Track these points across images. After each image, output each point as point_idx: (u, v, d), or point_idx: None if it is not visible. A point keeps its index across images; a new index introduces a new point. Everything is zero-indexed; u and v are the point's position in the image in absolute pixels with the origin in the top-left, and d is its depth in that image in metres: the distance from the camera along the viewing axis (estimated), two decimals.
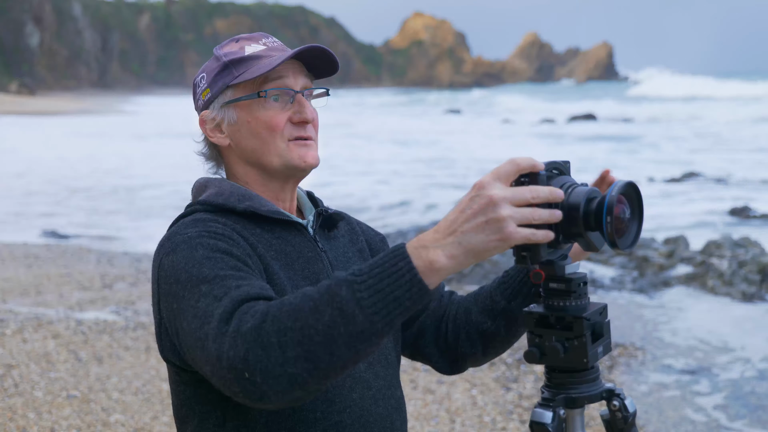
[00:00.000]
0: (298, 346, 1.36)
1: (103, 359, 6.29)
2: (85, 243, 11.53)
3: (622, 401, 1.67)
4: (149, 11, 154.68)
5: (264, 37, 1.87)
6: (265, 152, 1.80)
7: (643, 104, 57.24)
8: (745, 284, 8.53)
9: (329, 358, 1.37)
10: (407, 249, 1.37)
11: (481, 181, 1.37)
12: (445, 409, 5.49)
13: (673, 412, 5.55)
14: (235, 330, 1.40)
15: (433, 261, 1.35)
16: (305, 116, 1.80)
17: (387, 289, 1.35)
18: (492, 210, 1.34)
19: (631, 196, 1.55)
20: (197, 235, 1.63)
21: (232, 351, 1.39)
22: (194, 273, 1.55)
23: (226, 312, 1.44)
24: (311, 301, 1.38)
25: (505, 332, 1.90)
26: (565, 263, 1.60)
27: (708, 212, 13.92)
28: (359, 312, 1.35)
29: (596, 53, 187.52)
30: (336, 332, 1.35)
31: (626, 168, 21.18)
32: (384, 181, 19.55)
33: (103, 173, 20.97)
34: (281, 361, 1.36)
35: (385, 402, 1.80)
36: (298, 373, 1.37)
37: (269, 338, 1.37)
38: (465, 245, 1.35)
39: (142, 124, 43.33)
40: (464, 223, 1.35)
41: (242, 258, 1.62)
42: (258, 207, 1.77)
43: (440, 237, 1.36)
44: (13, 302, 7.85)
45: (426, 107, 68.04)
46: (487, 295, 1.93)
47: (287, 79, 1.80)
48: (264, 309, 1.41)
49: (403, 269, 1.35)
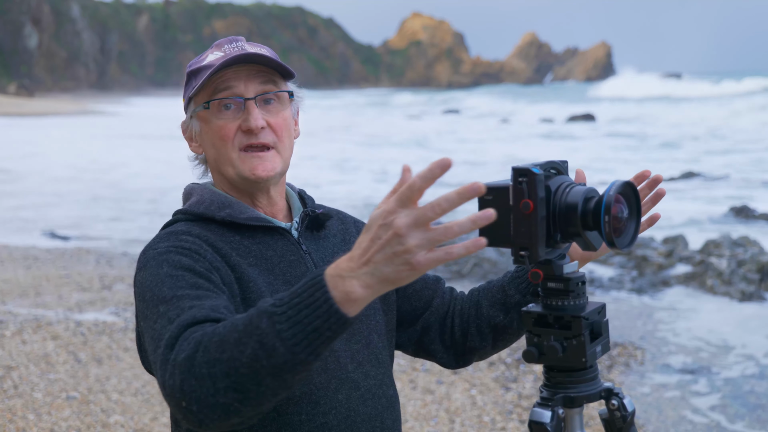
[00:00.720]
0: (226, 377, 1.38)
1: (102, 360, 6.29)
2: (83, 244, 11.53)
3: (620, 400, 1.67)
4: (148, 12, 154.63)
5: (229, 42, 1.85)
6: (221, 162, 1.82)
7: (602, 105, 57.59)
8: (744, 283, 8.54)
9: (257, 389, 1.39)
10: (325, 278, 1.36)
11: (389, 206, 1.32)
12: (444, 409, 5.49)
13: (673, 412, 5.55)
14: (174, 359, 1.44)
15: (349, 292, 1.34)
16: (248, 124, 1.78)
17: (306, 321, 1.35)
18: (398, 242, 1.30)
19: (629, 196, 1.56)
20: (165, 251, 1.68)
21: (171, 380, 1.43)
22: (156, 293, 1.60)
23: (171, 338, 1.48)
24: (236, 333, 1.39)
25: (517, 325, 1.93)
26: (563, 263, 1.60)
27: (706, 211, 13.94)
28: (280, 344, 1.36)
29: (595, 53, 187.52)
30: (259, 365, 1.37)
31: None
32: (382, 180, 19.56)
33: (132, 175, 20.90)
34: (212, 391, 1.39)
35: (374, 402, 1.81)
36: (229, 402, 1.39)
37: (200, 369, 1.40)
38: (378, 275, 1.33)
39: (141, 124, 43.32)
40: (376, 253, 1.33)
41: (204, 274, 1.64)
42: (237, 215, 1.79)
43: (355, 266, 1.34)
44: (12, 303, 7.84)
45: (425, 107, 68.04)
46: (499, 289, 1.94)
47: (236, 88, 1.79)
48: (198, 338, 1.44)
49: (320, 300, 1.35)
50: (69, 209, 15.20)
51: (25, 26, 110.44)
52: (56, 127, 39.99)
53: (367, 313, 1.87)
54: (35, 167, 22.20)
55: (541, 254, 1.51)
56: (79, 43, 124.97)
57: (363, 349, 1.82)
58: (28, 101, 72.22)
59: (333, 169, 21.76)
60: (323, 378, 1.73)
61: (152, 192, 17.60)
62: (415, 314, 1.99)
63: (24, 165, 22.73)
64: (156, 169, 21.69)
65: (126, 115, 54.77)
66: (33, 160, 23.82)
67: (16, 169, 21.59)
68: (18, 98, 76.24)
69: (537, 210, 1.49)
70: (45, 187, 18.22)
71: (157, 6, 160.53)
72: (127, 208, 15.51)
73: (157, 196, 16.92)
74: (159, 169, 21.61)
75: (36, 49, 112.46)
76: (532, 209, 1.49)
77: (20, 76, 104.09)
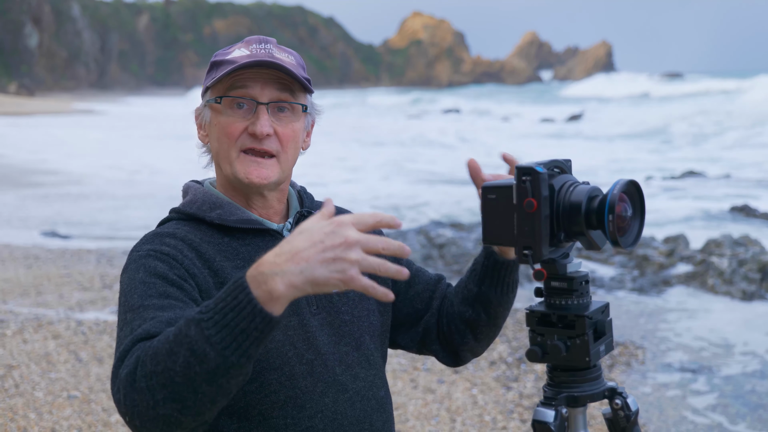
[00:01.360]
0: (163, 388, 1.41)
1: (103, 359, 6.28)
2: (84, 243, 11.53)
3: (624, 400, 1.67)
4: (148, 12, 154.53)
5: (257, 41, 1.84)
6: (221, 158, 1.82)
7: (567, 105, 57.86)
8: (745, 283, 8.53)
9: (194, 397, 1.41)
10: (247, 278, 1.39)
11: (342, 219, 1.39)
12: (445, 408, 5.49)
13: (674, 411, 5.54)
14: (120, 375, 1.48)
15: (271, 290, 1.37)
16: (255, 129, 1.78)
17: (232, 323, 1.38)
18: (343, 250, 1.36)
19: (633, 195, 1.55)
20: (146, 254, 1.70)
21: (117, 395, 1.48)
22: (127, 299, 1.64)
23: (124, 351, 1.51)
24: (168, 344, 1.42)
25: (486, 317, 1.93)
26: (566, 262, 1.60)
27: (706, 210, 13.93)
28: (210, 349, 1.38)
29: (595, 52, 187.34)
30: (193, 372, 1.39)
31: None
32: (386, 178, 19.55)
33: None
34: (152, 404, 1.42)
35: (363, 404, 1.80)
36: (168, 413, 1.42)
37: (140, 383, 1.43)
38: (307, 275, 1.36)
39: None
40: (315, 254, 1.36)
41: (177, 282, 1.66)
42: (226, 217, 1.79)
43: (282, 262, 1.37)
44: (13, 303, 7.84)
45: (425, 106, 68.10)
46: (464, 285, 1.95)
47: (252, 89, 1.79)
48: (139, 353, 1.47)
49: (243, 301, 1.38)
50: (149, 211, 14.78)
51: (25, 26, 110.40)
52: (90, 127, 39.71)
53: (360, 314, 1.86)
54: (85, 168, 21.83)
55: (545, 253, 1.51)
56: (79, 43, 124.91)
57: (353, 351, 1.82)
58: (29, 101, 72.18)
59: (337, 168, 21.75)
60: (309, 381, 1.72)
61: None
62: (416, 316, 2.00)
63: (73, 165, 22.35)
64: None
65: (136, 115, 54.61)
66: (81, 161, 23.34)
67: (68, 170, 21.18)
68: (18, 98, 76.21)
69: (540, 209, 1.49)
70: (114, 190, 17.93)
71: (157, 5, 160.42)
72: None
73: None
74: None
75: (36, 49, 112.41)
76: (536, 208, 1.49)
77: (21, 76, 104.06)
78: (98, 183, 18.95)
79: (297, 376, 1.71)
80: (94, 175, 20.35)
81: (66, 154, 24.96)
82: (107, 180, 19.56)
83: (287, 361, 1.70)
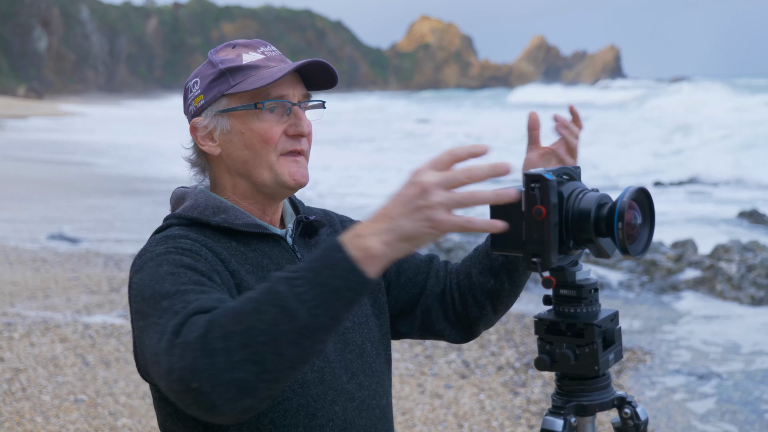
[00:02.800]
0: (243, 349, 1.34)
1: (110, 363, 6.29)
2: (93, 246, 11.55)
3: (633, 409, 1.65)
4: (156, 15, 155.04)
5: (262, 45, 1.83)
6: (256, 165, 1.76)
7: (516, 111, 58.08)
8: (754, 288, 8.50)
9: (275, 358, 1.35)
10: (343, 240, 1.37)
11: (419, 167, 1.37)
12: (452, 413, 5.47)
13: (682, 417, 5.52)
14: (183, 341, 1.39)
15: (368, 248, 1.34)
16: (302, 129, 1.76)
17: (325, 281, 1.34)
18: (422, 197, 1.33)
19: (642, 202, 1.54)
20: (164, 252, 1.63)
21: (180, 362, 1.37)
22: (157, 289, 1.54)
23: (178, 325, 1.43)
24: (252, 303, 1.37)
25: (509, 286, 1.91)
26: (575, 270, 1.59)
27: (714, 215, 13.89)
28: (300, 306, 1.34)
29: (603, 56, 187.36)
30: (279, 330, 1.34)
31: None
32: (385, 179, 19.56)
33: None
34: (228, 366, 1.34)
35: (369, 413, 1.78)
36: (245, 377, 1.35)
37: (214, 344, 1.35)
38: (398, 231, 1.34)
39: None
40: (398, 208, 1.34)
41: (207, 273, 1.60)
42: (232, 220, 1.75)
43: (375, 224, 1.36)
44: (20, 306, 7.85)
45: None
46: (484, 254, 1.93)
47: (285, 91, 1.77)
48: (209, 317, 1.40)
49: (338, 259, 1.35)
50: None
51: (34, 29, 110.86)
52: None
53: (360, 321, 1.84)
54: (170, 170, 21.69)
55: (554, 261, 1.50)
56: (88, 46, 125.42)
57: (357, 359, 1.80)
58: (38, 104, 72.45)
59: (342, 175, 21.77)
60: (319, 390, 1.70)
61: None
62: (412, 301, 1.98)
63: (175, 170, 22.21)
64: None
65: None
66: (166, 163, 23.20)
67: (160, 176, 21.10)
68: (27, 101, 76.50)
69: (549, 216, 1.48)
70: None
71: (165, 9, 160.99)
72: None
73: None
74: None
75: (45, 52, 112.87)
76: (545, 215, 1.48)
77: (29, 79, 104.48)
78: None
79: (309, 384, 1.69)
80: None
81: (165, 159, 24.64)
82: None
83: None
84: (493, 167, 1.33)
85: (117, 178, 20.12)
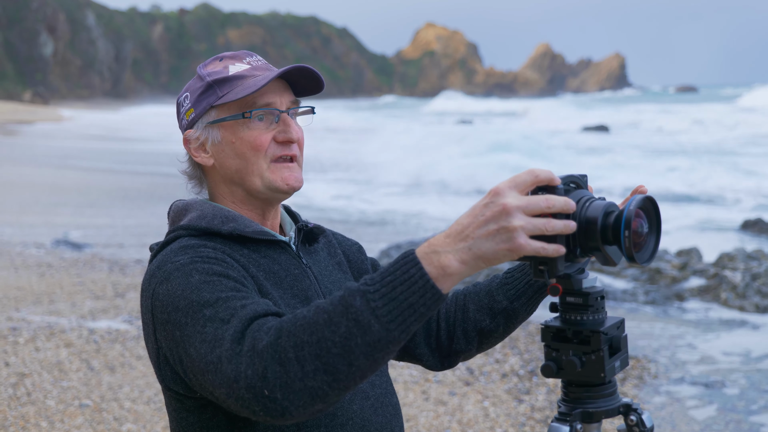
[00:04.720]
0: (316, 359, 1.37)
1: (115, 368, 6.30)
2: (97, 252, 11.56)
3: (639, 416, 1.66)
4: (162, 21, 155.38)
5: (248, 55, 1.86)
6: (248, 172, 1.79)
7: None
8: (759, 297, 8.49)
9: (348, 369, 1.38)
10: (418, 255, 1.37)
11: (498, 187, 1.38)
12: (457, 420, 5.47)
13: (686, 426, 5.51)
14: (251, 349, 1.41)
15: (445, 266, 1.36)
16: (290, 136, 1.79)
17: (401, 297, 1.36)
18: (504, 219, 1.35)
19: (649, 210, 1.55)
20: (190, 261, 1.62)
21: (250, 370, 1.40)
22: (194, 298, 1.55)
23: (237, 332, 1.44)
24: (325, 314, 1.39)
25: (503, 330, 1.94)
26: (582, 277, 1.60)
27: (720, 224, 13.88)
28: (375, 321, 1.36)
29: (608, 64, 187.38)
30: (353, 343, 1.36)
31: None
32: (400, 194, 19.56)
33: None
34: (300, 375, 1.37)
35: (383, 410, 1.81)
36: (318, 386, 1.38)
37: (286, 353, 1.38)
38: (475, 251, 1.35)
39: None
40: (476, 229, 1.36)
41: (239, 279, 1.61)
42: (243, 228, 1.76)
43: (451, 242, 1.37)
44: (25, 311, 7.87)
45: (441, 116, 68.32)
46: (486, 294, 1.94)
47: (272, 99, 1.79)
48: (278, 325, 1.42)
49: (416, 276, 1.36)
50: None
51: (40, 34, 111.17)
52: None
53: None
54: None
55: (561, 269, 1.50)
56: (94, 52, 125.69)
57: None
58: (43, 109, 72.59)
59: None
60: None
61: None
62: None
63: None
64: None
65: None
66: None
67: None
68: (33, 106, 76.65)
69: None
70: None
71: (171, 15, 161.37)
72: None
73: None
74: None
75: (51, 57, 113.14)
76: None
77: (35, 84, 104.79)
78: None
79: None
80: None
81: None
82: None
83: None
84: (566, 203, 1.38)
85: (122, 182, 20.20)
